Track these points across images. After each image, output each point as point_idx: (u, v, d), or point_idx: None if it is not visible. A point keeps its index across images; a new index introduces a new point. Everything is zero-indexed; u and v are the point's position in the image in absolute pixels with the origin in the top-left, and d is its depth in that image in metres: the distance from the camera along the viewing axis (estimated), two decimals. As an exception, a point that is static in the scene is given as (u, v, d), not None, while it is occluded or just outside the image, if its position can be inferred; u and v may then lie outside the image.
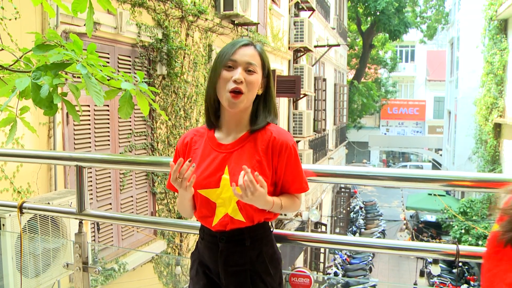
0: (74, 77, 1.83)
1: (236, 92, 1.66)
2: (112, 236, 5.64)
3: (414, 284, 14.86)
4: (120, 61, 5.66)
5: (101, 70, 1.80)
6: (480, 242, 14.29)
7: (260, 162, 1.69)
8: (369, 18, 26.83)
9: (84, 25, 1.79)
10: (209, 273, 1.79)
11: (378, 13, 24.57)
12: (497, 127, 15.38)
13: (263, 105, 1.78)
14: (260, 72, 1.72)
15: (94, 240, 5.27)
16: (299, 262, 13.63)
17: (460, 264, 16.02)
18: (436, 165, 28.82)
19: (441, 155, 28.61)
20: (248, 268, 1.72)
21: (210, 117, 1.78)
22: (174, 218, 6.65)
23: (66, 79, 1.85)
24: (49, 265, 3.17)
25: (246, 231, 1.72)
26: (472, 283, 15.56)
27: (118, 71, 1.84)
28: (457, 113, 22.65)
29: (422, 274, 15.54)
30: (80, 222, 2.42)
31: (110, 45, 5.50)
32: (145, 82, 1.85)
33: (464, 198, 17.06)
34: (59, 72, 1.75)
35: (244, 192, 1.54)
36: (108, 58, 5.44)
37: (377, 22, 25.09)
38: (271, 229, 1.82)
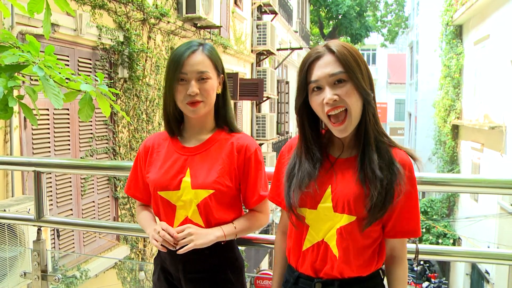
0: (32, 79, 1.77)
1: (193, 103, 1.65)
2: (73, 243, 5.51)
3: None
4: (80, 64, 5.54)
5: (59, 72, 1.75)
6: (440, 241, 14.68)
7: (224, 166, 1.68)
8: (331, 22, 27.21)
9: (42, 26, 1.73)
10: (171, 279, 1.76)
11: (340, 17, 24.98)
12: (455, 129, 15.85)
13: (222, 102, 1.77)
14: (214, 74, 1.68)
15: (54, 247, 5.13)
16: (264, 264, 13.64)
17: (422, 262, 16.39)
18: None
19: (402, 156, 29.17)
20: (208, 276, 1.70)
21: (171, 125, 1.76)
22: (137, 222, 6.55)
23: (22, 82, 1.79)
24: (5, 275, 3.08)
25: None
26: (433, 280, 15.96)
27: (79, 74, 1.79)
28: (417, 115, 23.30)
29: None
30: (39, 229, 2.36)
31: (70, 47, 5.38)
32: (105, 84, 1.81)
33: (424, 198, 17.49)
34: (15, 74, 1.69)
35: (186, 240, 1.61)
36: (68, 60, 5.31)
37: (339, 26, 25.48)
38: None
